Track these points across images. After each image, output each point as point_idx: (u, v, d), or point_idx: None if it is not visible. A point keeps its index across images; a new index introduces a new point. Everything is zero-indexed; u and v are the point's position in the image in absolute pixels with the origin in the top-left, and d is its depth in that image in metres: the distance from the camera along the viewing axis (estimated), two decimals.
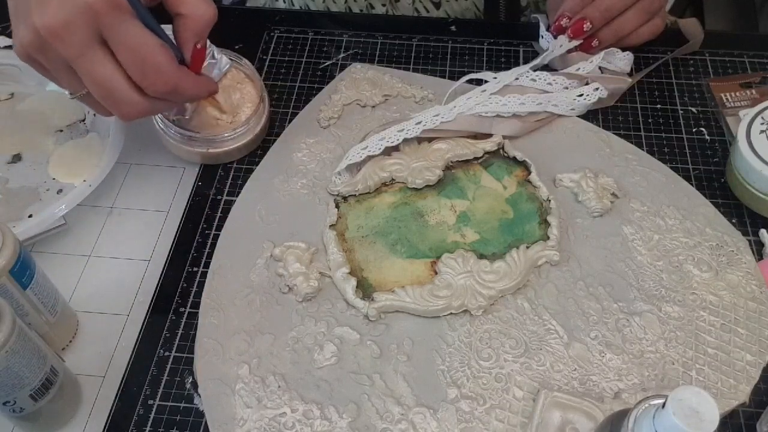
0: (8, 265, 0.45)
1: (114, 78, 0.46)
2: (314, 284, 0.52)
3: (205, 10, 0.49)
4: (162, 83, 0.47)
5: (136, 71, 0.46)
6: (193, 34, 0.50)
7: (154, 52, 0.46)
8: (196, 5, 0.49)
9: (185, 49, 0.50)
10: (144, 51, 0.46)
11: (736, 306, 0.51)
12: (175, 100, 0.51)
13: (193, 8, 0.49)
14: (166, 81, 0.47)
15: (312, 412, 0.47)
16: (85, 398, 0.50)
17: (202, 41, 0.51)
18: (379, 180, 0.58)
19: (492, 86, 0.62)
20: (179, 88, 0.48)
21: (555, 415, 0.46)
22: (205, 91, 0.53)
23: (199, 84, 0.52)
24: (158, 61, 0.46)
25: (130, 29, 0.45)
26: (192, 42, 0.50)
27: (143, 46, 0.46)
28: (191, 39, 0.50)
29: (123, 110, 0.48)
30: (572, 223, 0.56)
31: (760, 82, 0.66)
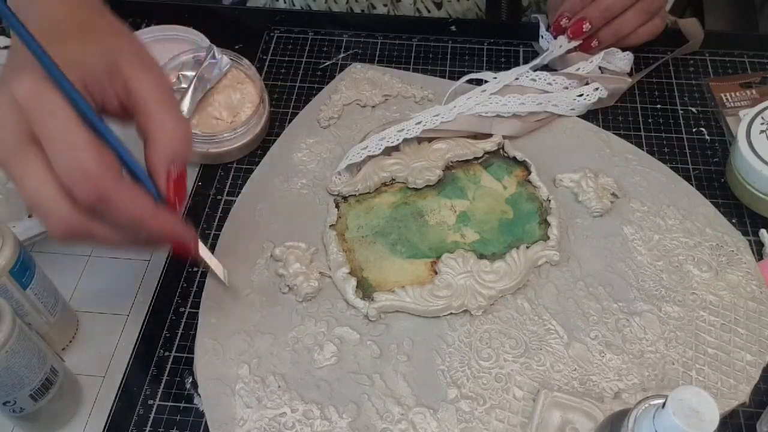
0: (8, 265, 0.45)
1: (43, 184, 0.37)
2: (314, 284, 0.52)
3: (177, 130, 0.41)
4: (89, 189, 0.37)
5: (64, 174, 0.37)
6: (164, 158, 0.41)
7: (80, 148, 0.37)
8: (168, 126, 0.41)
9: (156, 176, 0.41)
10: (68, 147, 0.37)
11: (736, 306, 0.51)
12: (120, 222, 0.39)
13: (165, 129, 0.41)
14: (93, 186, 0.37)
15: (312, 412, 0.47)
16: (85, 398, 0.50)
17: (177, 168, 0.41)
18: (379, 180, 0.58)
19: (492, 86, 0.62)
20: (115, 203, 0.38)
21: (555, 415, 0.46)
22: (165, 227, 0.41)
23: (159, 215, 0.40)
24: (83, 159, 0.37)
25: (57, 122, 0.37)
26: (163, 168, 0.41)
27: (68, 141, 0.37)
28: (162, 164, 0.41)
29: (53, 222, 0.38)
30: (572, 223, 0.56)
31: (760, 82, 0.66)
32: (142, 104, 0.41)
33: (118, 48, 0.42)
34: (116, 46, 0.42)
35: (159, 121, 0.41)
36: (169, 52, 0.64)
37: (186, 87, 0.61)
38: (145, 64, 0.42)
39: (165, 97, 0.42)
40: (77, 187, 0.37)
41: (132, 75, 0.41)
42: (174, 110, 0.42)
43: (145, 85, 0.41)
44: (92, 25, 0.44)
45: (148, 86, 0.41)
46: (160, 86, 0.42)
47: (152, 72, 0.42)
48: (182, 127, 0.42)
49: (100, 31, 0.43)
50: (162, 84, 0.43)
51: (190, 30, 0.69)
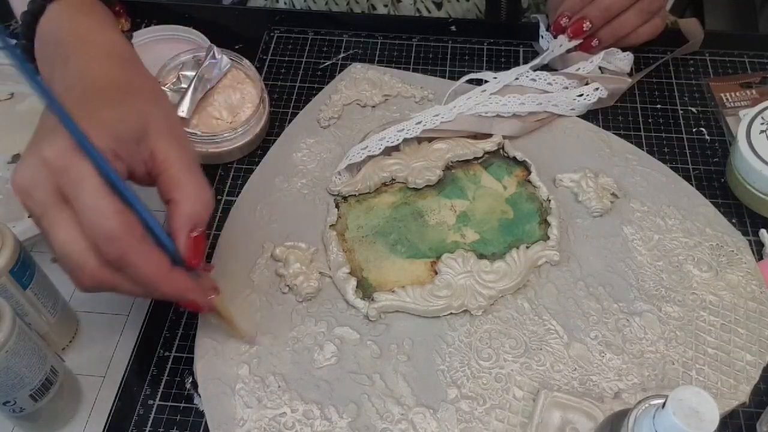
0: (8, 265, 0.45)
1: (70, 239, 0.40)
2: (314, 284, 0.52)
3: (202, 196, 0.43)
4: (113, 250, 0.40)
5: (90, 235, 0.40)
6: (187, 221, 0.43)
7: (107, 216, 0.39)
8: (191, 190, 0.43)
9: (177, 237, 0.43)
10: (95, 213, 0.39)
11: (736, 306, 0.51)
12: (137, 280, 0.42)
13: (189, 194, 0.42)
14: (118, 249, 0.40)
15: (312, 412, 0.47)
16: (85, 398, 0.50)
17: (198, 229, 0.43)
18: (379, 180, 0.58)
19: (492, 86, 0.62)
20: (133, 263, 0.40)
21: (555, 415, 0.46)
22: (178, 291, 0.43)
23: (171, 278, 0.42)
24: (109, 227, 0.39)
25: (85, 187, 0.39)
26: (184, 231, 0.43)
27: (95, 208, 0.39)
28: (184, 227, 0.43)
29: (78, 275, 0.41)
30: (572, 223, 0.56)
31: (760, 82, 0.66)
32: (167, 169, 0.42)
33: (150, 113, 0.43)
34: (149, 111, 0.43)
35: (182, 185, 0.43)
36: (169, 52, 0.64)
37: (186, 87, 0.61)
38: (173, 132, 0.44)
39: (189, 163, 0.43)
40: (101, 245, 0.40)
41: (159, 143, 0.42)
42: (198, 176, 0.43)
43: (171, 152, 0.43)
44: (127, 86, 0.45)
45: (175, 153, 0.43)
46: (186, 153, 0.44)
47: (179, 140, 0.44)
48: (205, 192, 0.43)
49: (134, 92, 0.44)
50: (187, 151, 0.44)
51: (190, 30, 0.69)
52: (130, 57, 0.48)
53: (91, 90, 0.43)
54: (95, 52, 0.46)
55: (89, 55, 0.46)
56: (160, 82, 0.61)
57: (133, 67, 0.47)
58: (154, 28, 0.69)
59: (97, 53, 0.46)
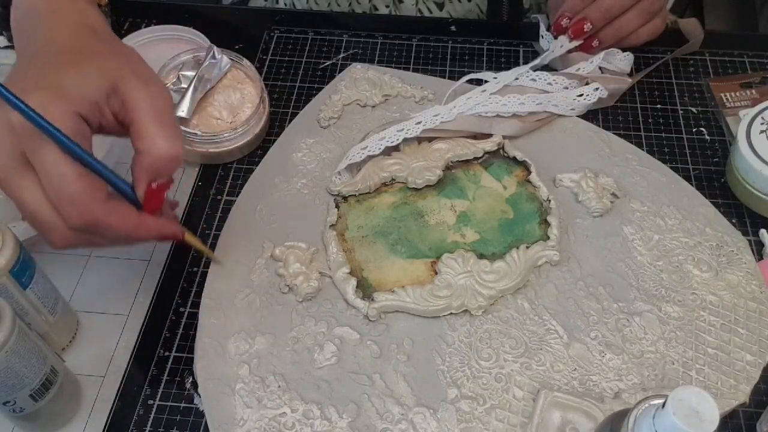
0: (8, 265, 0.45)
1: (38, 204, 0.41)
2: (314, 284, 0.52)
3: (161, 147, 0.42)
4: (77, 216, 0.40)
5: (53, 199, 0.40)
6: (147, 173, 0.42)
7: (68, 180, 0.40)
8: (153, 141, 0.42)
9: (137, 187, 0.43)
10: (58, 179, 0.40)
11: (736, 306, 0.51)
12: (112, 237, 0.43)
13: (150, 144, 0.42)
14: (82, 213, 0.40)
15: (312, 412, 0.47)
16: (85, 398, 0.50)
17: (159, 181, 0.43)
18: (379, 180, 0.58)
19: (492, 86, 0.62)
20: (106, 223, 0.41)
21: (555, 415, 0.46)
22: (153, 232, 0.44)
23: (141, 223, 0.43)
24: (72, 191, 0.40)
25: (46, 155, 0.40)
26: (144, 181, 0.43)
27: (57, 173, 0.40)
28: (143, 177, 0.43)
29: (51, 238, 0.42)
30: (572, 223, 0.56)
31: (760, 82, 0.66)
32: (136, 118, 0.42)
33: (115, 68, 0.43)
34: (114, 67, 0.43)
35: (146, 135, 0.42)
36: (169, 52, 0.64)
37: (186, 87, 0.61)
38: (143, 80, 0.43)
39: (159, 113, 0.43)
40: (66, 213, 0.40)
41: (128, 91, 0.42)
42: (166, 126, 0.43)
43: (141, 100, 0.42)
44: (91, 49, 0.45)
45: (144, 101, 0.42)
46: (156, 100, 0.43)
47: (150, 87, 0.43)
48: (168, 143, 0.42)
49: (98, 54, 0.44)
50: (158, 98, 0.43)
51: (190, 30, 0.69)
52: (100, 28, 0.47)
53: (54, 56, 0.43)
54: (64, 21, 0.46)
55: (58, 24, 0.46)
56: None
57: (101, 36, 0.47)
58: (154, 28, 0.69)
59: (65, 22, 0.46)
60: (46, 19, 0.46)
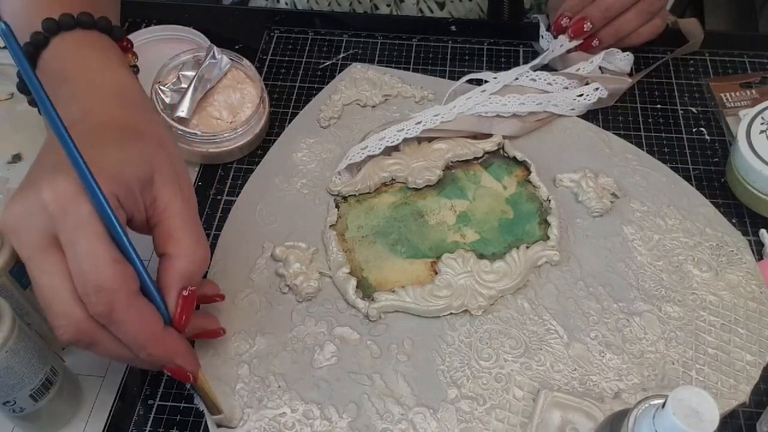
0: (8, 265, 0.45)
1: (58, 286, 0.38)
2: (314, 284, 0.52)
3: (197, 253, 0.41)
4: (103, 303, 0.37)
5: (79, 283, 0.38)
6: (179, 279, 0.41)
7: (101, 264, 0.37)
8: (188, 246, 0.41)
9: (167, 295, 0.41)
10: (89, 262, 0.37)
11: (736, 306, 0.51)
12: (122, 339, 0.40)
13: (184, 249, 0.40)
14: (107, 301, 0.37)
15: (312, 412, 0.47)
16: (85, 398, 0.50)
17: (191, 288, 0.41)
18: (379, 180, 0.58)
19: (492, 86, 0.62)
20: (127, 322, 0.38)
21: (555, 415, 0.46)
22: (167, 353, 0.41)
23: (162, 339, 0.40)
24: (103, 276, 0.37)
25: (82, 235, 0.37)
26: (177, 287, 0.41)
27: (90, 256, 0.37)
28: (176, 284, 0.41)
29: (61, 323, 0.38)
30: (572, 223, 0.56)
31: (760, 82, 0.66)
32: (166, 219, 0.41)
33: (156, 158, 0.41)
34: (155, 156, 0.41)
35: (179, 239, 0.41)
36: (169, 52, 0.64)
37: (186, 87, 0.61)
38: (178, 183, 0.42)
39: (190, 216, 0.42)
40: (90, 296, 0.37)
41: (163, 191, 0.41)
42: (197, 232, 0.42)
43: (173, 202, 0.41)
44: (134, 128, 0.43)
45: (177, 204, 0.41)
46: (188, 205, 0.42)
47: (183, 190, 0.42)
48: (201, 249, 0.41)
49: (141, 135, 0.42)
50: (190, 203, 0.42)
51: (190, 30, 0.69)
52: (138, 98, 0.46)
53: (96, 130, 0.41)
54: (102, 91, 0.44)
55: (96, 95, 0.44)
56: (160, 81, 0.61)
57: (140, 110, 0.45)
58: (154, 28, 0.69)
59: (104, 93, 0.44)
60: (81, 88, 0.44)
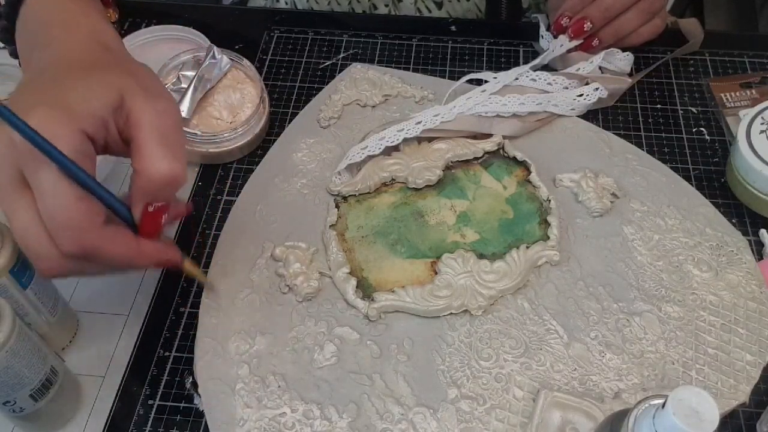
0: (8, 265, 0.45)
1: (31, 227, 0.38)
2: (314, 284, 0.52)
3: (159, 168, 0.39)
4: (73, 242, 0.38)
5: (48, 224, 0.38)
6: (143, 194, 0.40)
7: (66, 204, 0.37)
8: (151, 161, 0.39)
9: (133, 210, 0.41)
10: (54, 202, 0.37)
11: (736, 306, 0.51)
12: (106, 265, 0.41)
13: (146, 163, 0.39)
14: (78, 240, 0.38)
15: (312, 412, 0.47)
16: (85, 398, 0.50)
17: (157, 204, 0.41)
18: (379, 180, 0.58)
19: (492, 86, 0.62)
20: (102, 251, 0.39)
21: (555, 415, 0.46)
22: (151, 259, 0.42)
23: (138, 250, 0.41)
24: (68, 215, 0.37)
25: (45, 176, 0.37)
26: (140, 203, 0.40)
27: (55, 196, 0.37)
28: (139, 199, 0.40)
29: (41, 265, 0.39)
30: (572, 223, 0.56)
31: (760, 82, 0.66)
32: (136, 135, 0.40)
33: (123, 82, 0.41)
34: (122, 82, 0.41)
35: (144, 155, 0.39)
36: (169, 52, 0.64)
37: (186, 87, 0.61)
38: (151, 95, 0.41)
39: (163, 130, 0.40)
40: (60, 236, 0.38)
41: (133, 105, 0.40)
42: (168, 146, 0.40)
43: (145, 116, 0.40)
44: (101, 64, 0.43)
45: (148, 118, 0.40)
46: (162, 117, 0.40)
47: (157, 102, 0.41)
48: (168, 166, 0.40)
49: (107, 68, 0.42)
50: (164, 115, 0.41)
51: (190, 30, 0.69)
52: (111, 42, 0.46)
53: (62, 71, 0.42)
54: (77, 37, 0.45)
55: (70, 39, 0.44)
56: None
57: (113, 52, 0.45)
58: (154, 28, 0.69)
59: (77, 37, 0.44)
60: (58, 35, 0.45)
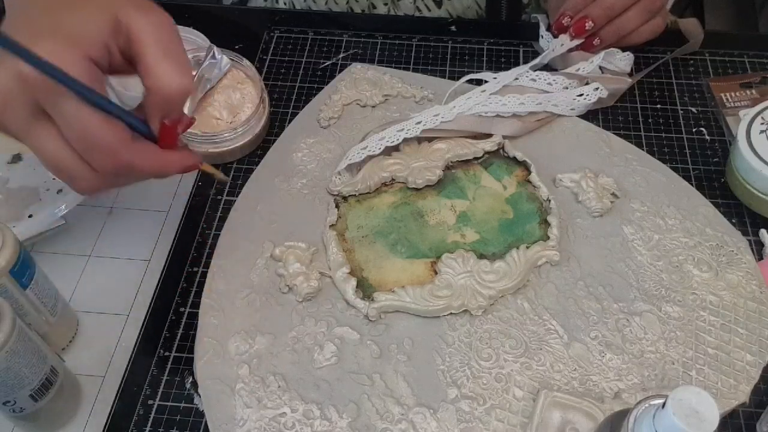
0: (8, 265, 0.45)
1: (61, 154, 0.40)
2: (314, 284, 0.52)
3: (170, 83, 0.41)
4: (109, 162, 0.41)
5: (79, 149, 0.40)
6: (158, 110, 0.42)
7: (94, 129, 0.39)
8: (161, 77, 0.41)
9: (151, 125, 0.43)
10: (82, 129, 0.39)
11: (736, 306, 0.51)
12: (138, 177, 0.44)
13: (158, 81, 0.41)
14: (113, 160, 0.40)
15: (312, 412, 0.47)
16: (85, 398, 0.50)
17: (171, 117, 0.43)
18: (379, 180, 0.58)
19: (492, 86, 0.62)
20: (135, 166, 0.42)
21: (555, 415, 0.46)
22: (177, 167, 0.45)
23: (166, 161, 0.44)
24: (100, 139, 0.40)
25: (66, 106, 0.39)
26: (156, 117, 0.43)
27: (81, 123, 0.39)
28: (155, 114, 0.43)
29: (78, 185, 0.42)
30: (572, 223, 0.56)
31: (760, 82, 0.66)
32: (141, 54, 0.41)
33: (114, 3, 0.41)
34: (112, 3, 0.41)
35: (153, 72, 0.41)
36: None
37: None
38: (143, 9, 0.42)
39: (165, 44, 0.42)
40: (96, 160, 0.40)
41: (131, 23, 0.41)
42: (174, 60, 0.42)
43: (145, 32, 0.41)
44: None
45: (148, 33, 0.41)
46: (161, 31, 0.42)
47: (151, 15, 0.42)
48: (179, 80, 0.41)
49: None
50: (162, 28, 0.42)
51: (190, 30, 0.69)
52: None
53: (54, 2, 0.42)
54: None
55: None
56: None
57: None
58: None
59: None
60: None
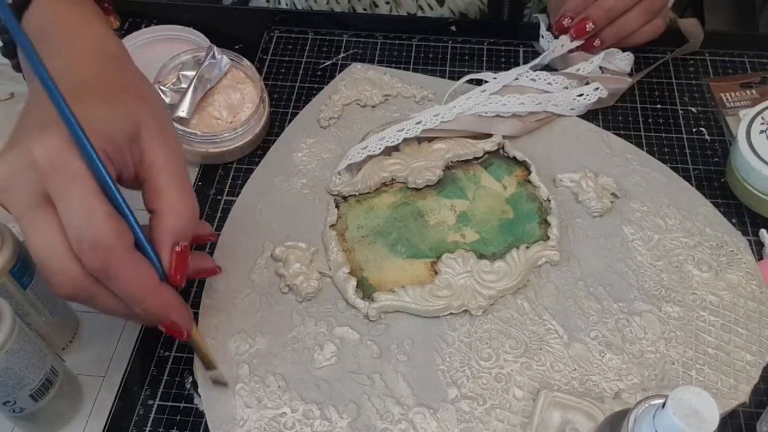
0: (8, 265, 0.45)
1: (54, 245, 0.37)
2: (314, 284, 0.52)
3: (182, 207, 0.40)
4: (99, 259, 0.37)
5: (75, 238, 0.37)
6: (171, 235, 0.40)
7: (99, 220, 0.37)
8: (176, 201, 0.40)
9: (161, 251, 0.40)
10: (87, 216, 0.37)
11: (736, 306, 0.51)
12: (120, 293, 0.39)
13: (173, 205, 0.40)
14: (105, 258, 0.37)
15: (312, 412, 0.47)
16: (85, 398, 0.50)
17: (183, 243, 0.41)
18: (379, 180, 0.58)
19: (492, 86, 0.62)
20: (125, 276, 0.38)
21: (555, 415, 0.46)
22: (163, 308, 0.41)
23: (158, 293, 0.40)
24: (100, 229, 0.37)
25: (76, 190, 0.37)
26: (169, 244, 0.40)
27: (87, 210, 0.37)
28: (168, 241, 0.40)
29: (58, 281, 0.38)
30: (572, 223, 0.56)
31: (760, 82, 0.66)
32: (155, 177, 0.40)
33: (142, 114, 0.41)
34: (140, 111, 0.41)
35: (168, 195, 0.40)
36: (169, 52, 0.64)
37: (186, 87, 0.61)
38: (164, 137, 0.41)
39: (177, 173, 0.41)
40: (86, 252, 0.37)
41: (150, 147, 0.40)
42: (185, 187, 0.41)
43: (160, 158, 0.40)
44: (117, 83, 0.43)
45: (164, 158, 0.41)
46: (175, 158, 0.41)
47: (170, 144, 0.41)
48: (190, 205, 0.41)
49: (124, 90, 0.42)
50: (177, 156, 0.42)
51: (190, 30, 0.69)
52: (119, 54, 0.46)
53: (79, 86, 0.41)
54: (83, 47, 0.44)
55: (77, 51, 0.44)
56: (160, 81, 0.61)
57: (122, 65, 0.45)
58: (154, 28, 0.69)
59: (85, 49, 0.44)
60: (61, 45, 0.44)
